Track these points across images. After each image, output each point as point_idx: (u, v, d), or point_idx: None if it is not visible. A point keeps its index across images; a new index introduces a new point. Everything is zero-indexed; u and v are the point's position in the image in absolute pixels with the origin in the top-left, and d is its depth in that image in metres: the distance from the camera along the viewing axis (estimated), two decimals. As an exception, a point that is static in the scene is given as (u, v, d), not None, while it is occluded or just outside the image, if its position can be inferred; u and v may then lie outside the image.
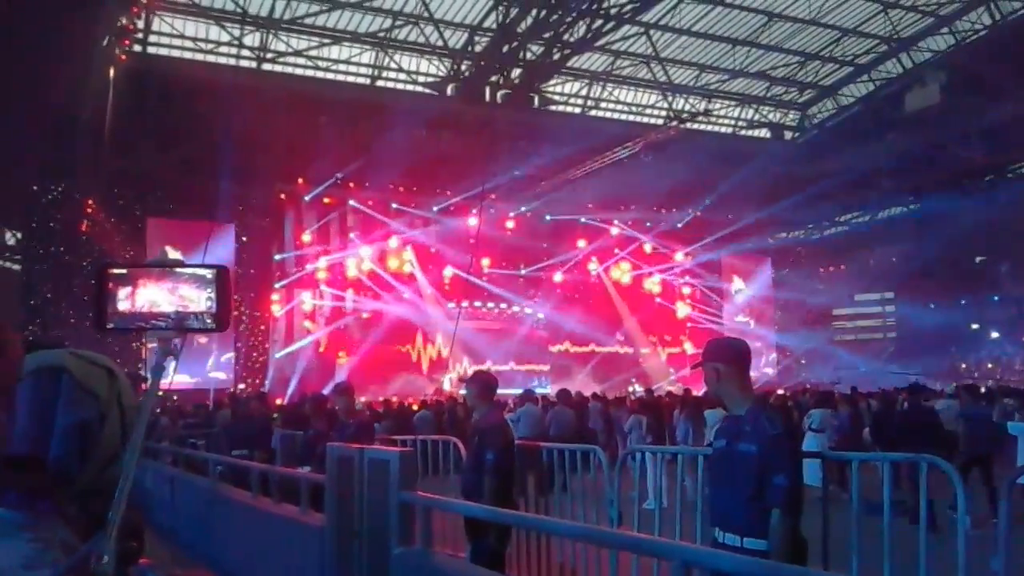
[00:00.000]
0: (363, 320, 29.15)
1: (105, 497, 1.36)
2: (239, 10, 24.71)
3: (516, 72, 28.25)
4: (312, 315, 28.29)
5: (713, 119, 33.33)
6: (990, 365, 36.90)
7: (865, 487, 4.62)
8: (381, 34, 26.57)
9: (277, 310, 27.69)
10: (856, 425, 13.78)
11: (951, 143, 29.52)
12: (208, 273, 1.45)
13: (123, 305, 1.43)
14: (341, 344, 28.43)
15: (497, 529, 5.19)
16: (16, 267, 26.56)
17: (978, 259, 37.33)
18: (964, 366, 36.80)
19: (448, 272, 29.93)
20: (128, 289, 1.42)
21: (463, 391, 11.26)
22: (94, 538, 1.30)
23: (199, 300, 1.44)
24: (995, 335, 37.84)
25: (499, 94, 27.90)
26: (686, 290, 35.69)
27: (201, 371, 25.07)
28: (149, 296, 1.42)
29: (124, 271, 1.43)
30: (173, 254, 24.76)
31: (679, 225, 34.23)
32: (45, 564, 1.21)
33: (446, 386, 25.54)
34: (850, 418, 13.85)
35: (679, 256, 34.95)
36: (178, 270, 1.47)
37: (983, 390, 17.45)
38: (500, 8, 25.38)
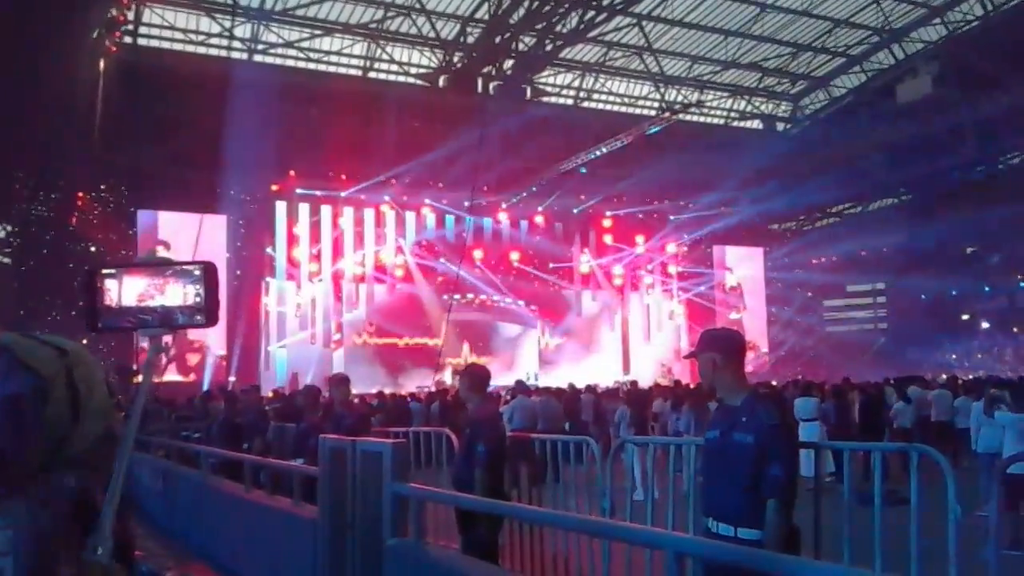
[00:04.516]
0: (357, 312, 29.11)
1: (77, 477, 1.34)
2: (230, 1, 24.60)
3: (508, 63, 28.18)
4: (304, 307, 28.21)
5: (706, 110, 33.34)
6: (980, 356, 37.08)
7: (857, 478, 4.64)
8: (373, 25, 26.48)
9: (269, 303, 27.60)
10: (843, 416, 13.82)
11: (943, 134, 29.59)
12: (195, 269, 1.44)
13: (113, 304, 1.43)
14: (334, 336, 28.39)
15: (487, 520, 5.19)
16: (6, 260, 26.44)
17: (969, 250, 37.46)
18: (955, 357, 36.97)
19: (440, 264, 29.87)
20: (118, 288, 1.42)
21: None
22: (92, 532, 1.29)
23: (188, 296, 1.43)
24: (986, 325, 38.01)
25: (491, 85, 27.85)
26: (677, 280, 35.68)
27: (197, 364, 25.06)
28: (138, 294, 1.42)
29: (113, 271, 1.42)
30: (164, 253, 24.63)
31: (672, 217, 34.25)
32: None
33: (448, 379, 25.51)
34: (836, 409, 13.87)
35: (671, 247, 34.95)
36: (166, 268, 1.46)
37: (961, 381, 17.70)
38: (492, -1, 25.33)
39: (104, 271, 1.43)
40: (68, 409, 1.37)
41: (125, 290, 1.42)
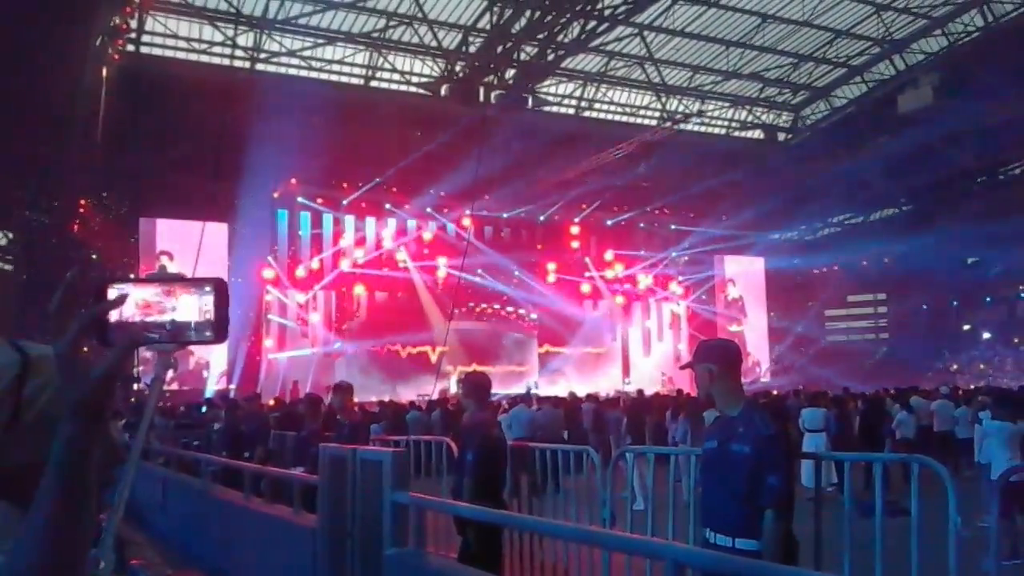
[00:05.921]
0: (358, 320, 29.11)
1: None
2: (232, 10, 24.65)
3: (510, 73, 28.24)
4: (306, 315, 28.21)
5: (707, 120, 33.38)
6: (982, 366, 37.02)
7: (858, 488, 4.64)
8: (375, 34, 26.53)
9: (270, 311, 27.59)
10: (845, 426, 13.80)
11: (943, 144, 29.61)
12: (207, 285, 1.44)
13: (123, 319, 1.42)
14: (335, 345, 28.38)
15: (475, 529, 5.14)
16: (8, 267, 26.45)
17: (970, 260, 37.43)
18: (956, 367, 36.91)
19: (442, 273, 29.89)
20: (127, 303, 1.42)
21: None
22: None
23: (197, 313, 1.43)
24: (987, 336, 37.97)
25: (493, 95, 27.87)
26: (678, 290, 35.69)
27: (198, 374, 25.05)
28: (147, 310, 1.41)
29: (124, 286, 1.42)
30: (168, 264, 24.66)
31: (673, 226, 34.28)
32: None
33: (452, 387, 25.48)
34: (837, 419, 13.85)
35: (672, 257, 34.97)
36: (176, 283, 1.46)
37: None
38: (494, 9, 25.38)
39: (115, 285, 1.43)
40: (7, 412, 1.31)
41: (137, 306, 1.41)
